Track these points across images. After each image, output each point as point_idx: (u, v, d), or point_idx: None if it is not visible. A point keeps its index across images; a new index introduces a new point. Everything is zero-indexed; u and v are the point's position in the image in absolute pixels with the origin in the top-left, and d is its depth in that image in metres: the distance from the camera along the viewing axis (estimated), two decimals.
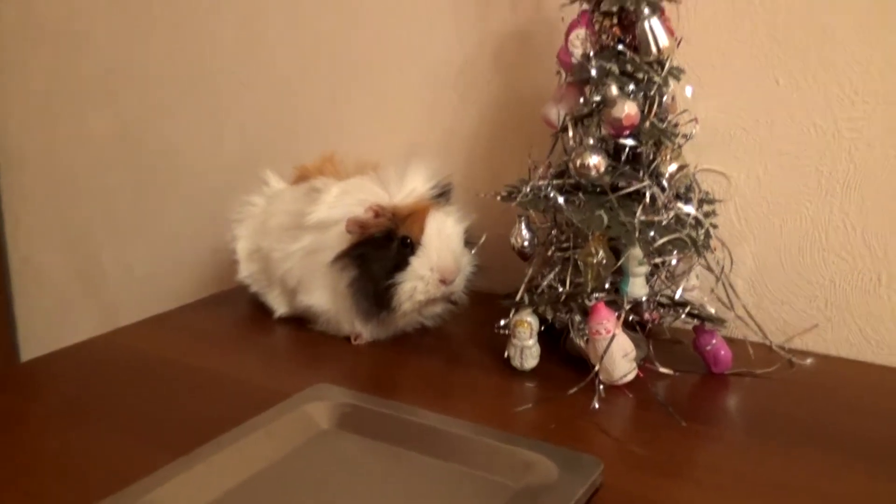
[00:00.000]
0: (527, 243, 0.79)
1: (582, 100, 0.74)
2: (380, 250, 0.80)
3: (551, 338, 0.80)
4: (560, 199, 0.74)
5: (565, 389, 0.71)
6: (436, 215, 0.81)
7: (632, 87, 0.72)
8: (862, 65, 0.79)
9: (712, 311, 0.77)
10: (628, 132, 0.72)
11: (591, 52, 0.74)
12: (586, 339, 0.74)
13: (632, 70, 0.72)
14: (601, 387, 0.70)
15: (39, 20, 1.39)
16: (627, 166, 0.74)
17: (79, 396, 0.73)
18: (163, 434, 0.65)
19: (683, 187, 0.75)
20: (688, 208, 0.73)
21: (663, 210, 0.71)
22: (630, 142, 0.73)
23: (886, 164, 0.80)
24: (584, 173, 0.72)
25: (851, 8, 0.79)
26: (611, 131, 0.72)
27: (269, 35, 1.17)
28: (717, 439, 0.65)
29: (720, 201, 0.81)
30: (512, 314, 0.78)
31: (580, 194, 0.74)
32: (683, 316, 0.77)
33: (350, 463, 0.59)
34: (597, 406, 0.69)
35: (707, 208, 0.77)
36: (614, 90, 0.71)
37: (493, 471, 0.57)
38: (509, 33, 0.98)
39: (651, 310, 0.77)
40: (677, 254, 0.74)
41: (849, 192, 0.82)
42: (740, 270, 0.87)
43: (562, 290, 0.76)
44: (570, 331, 0.77)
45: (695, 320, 0.78)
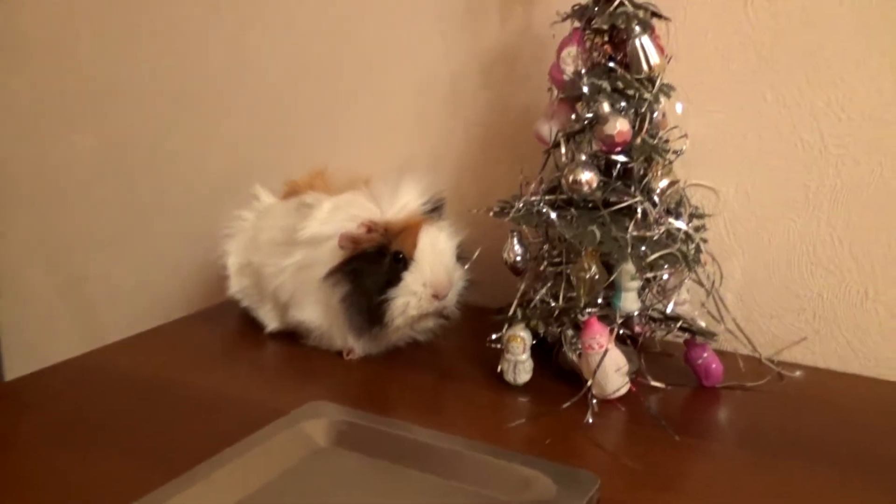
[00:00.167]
0: (519, 258, 0.80)
1: (574, 116, 0.75)
2: (372, 265, 0.80)
3: (543, 352, 0.80)
4: (552, 215, 0.74)
5: (558, 404, 0.71)
6: (428, 230, 0.81)
7: (623, 104, 0.73)
8: (848, 83, 0.80)
9: (703, 324, 0.78)
10: (620, 149, 0.72)
11: (582, 70, 0.75)
12: (579, 353, 0.74)
13: (623, 87, 0.73)
14: (594, 401, 0.71)
15: (25, 35, 1.38)
16: (619, 182, 0.75)
17: (67, 415, 0.72)
18: (156, 453, 0.64)
19: (674, 202, 0.76)
20: (679, 223, 0.73)
21: (655, 225, 0.72)
22: (622, 158, 0.74)
23: (872, 180, 0.81)
24: (576, 189, 0.72)
25: (837, 28, 0.80)
26: (603, 148, 0.73)
27: (257, 50, 1.17)
28: (712, 453, 0.65)
29: (710, 216, 0.82)
30: (505, 329, 0.78)
31: (572, 210, 0.75)
32: (675, 330, 0.78)
33: (349, 481, 0.59)
34: (590, 421, 0.69)
35: (697, 223, 0.77)
36: (606, 107, 0.72)
37: (491, 487, 0.57)
38: (498, 49, 0.98)
39: (643, 324, 0.78)
40: (669, 268, 0.74)
41: (836, 207, 0.83)
42: (729, 284, 0.87)
43: (554, 304, 0.76)
44: (563, 345, 0.77)
45: (686, 334, 0.78)
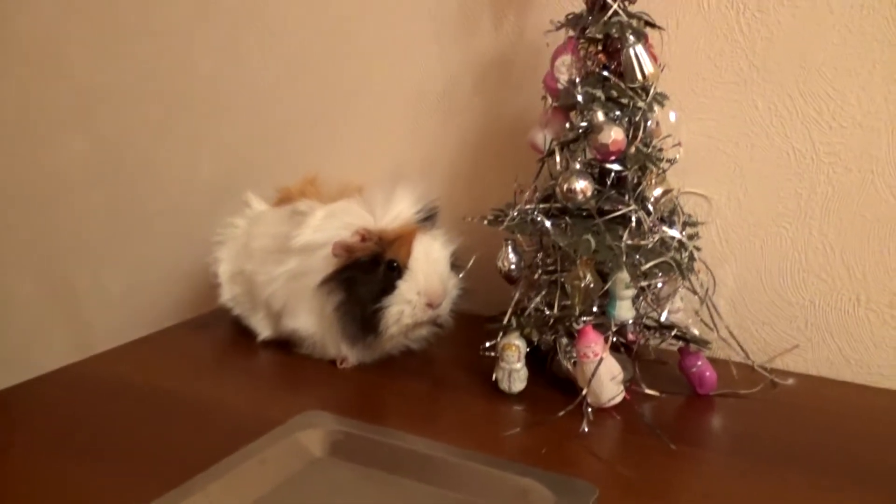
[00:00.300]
0: (514, 267, 0.80)
1: (568, 125, 0.75)
2: (367, 274, 0.80)
3: (536, 360, 0.80)
4: (547, 223, 0.74)
5: (553, 412, 0.71)
6: (422, 239, 0.81)
7: (617, 112, 0.73)
8: (839, 91, 0.81)
9: (696, 332, 0.78)
10: (614, 157, 0.73)
11: (577, 79, 0.75)
12: (573, 361, 0.74)
13: (617, 96, 0.73)
14: (589, 410, 0.71)
15: (14, 36, 1.37)
16: (613, 191, 0.75)
17: (61, 426, 0.71)
18: (150, 464, 0.64)
19: (667, 211, 0.76)
20: (672, 232, 0.74)
21: (649, 234, 0.72)
22: (616, 167, 0.74)
23: (864, 188, 0.81)
24: (571, 198, 0.72)
25: (828, 37, 0.81)
26: (597, 156, 0.73)
27: (249, 55, 1.16)
28: (707, 462, 0.66)
29: (702, 224, 0.82)
30: (499, 337, 0.78)
31: (566, 218, 0.75)
32: (669, 339, 0.78)
33: (346, 491, 0.59)
34: (586, 429, 0.69)
35: (690, 231, 0.78)
36: (600, 116, 0.72)
37: (489, 498, 0.56)
38: (492, 57, 0.98)
39: (637, 332, 0.78)
40: (663, 277, 0.75)
41: (828, 215, 0.84)
42: (722, 291, 0.88)
43: (549, 313, 0.76)
44: (557, 353, 0.77)
45: (680, 342, 0.78)
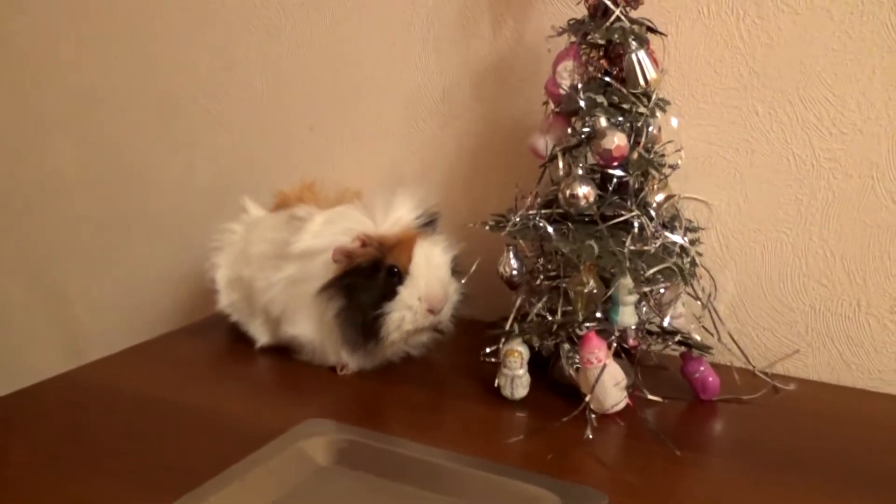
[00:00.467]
0: (515, 272, 0.79)
1: (570, 130, 0.75)
2: (367, 280, 0.79)
3: (538, 365, 0.79)
4: (549, 229, 0.74)
5: (556, 419, 0.71)
6: (423, 244, 0.81)
7: (620, 118, 0.73)
8: (839, 97, 0.81)
9: (698, 338, 0.78)
10: (617, 163, 0.72)
11: (579, 84, 0.74)
12: (576, 367, 0.74)
13: (619, 101, 0.73)
14: (593, 416, 0.70)
15: (7, 43, 1.36)
16: (615, 196, 0.75)
17: (56, 435, 0.70)
18: (150, 474, 0.63)
19: (669, 216, 0.76)
20: (674, 237, 0.74)
21: (651, 239, 0.72)
22: (619, 172, 0.74)
23: (864, 194, 0.82)
24: (573, 203, 0.72)
25: (828, 43, 0.81)
26: (600, 162, 0.73)
27: (245, 59, 1.15)
28: (712, 467, 0.65)
29: (703, 229, 0.82)
30: (501, 343, 0.77)
31: (569, 224, 0.74)
32: (672, 344, 0.78)
33: (353, 500, 0.58)
34: (590, 436, 0.69)
35: (691, 236, 0.78)
36: (603, 121, 0.72)
37: None
38: (490, 62, 0.98)
39: (639, 337, 0.77)
40: (665, 282, 0.75)
41: (828, 220, 0.84)
42: (723, 297, 0.87)
43: (551, 319, 0.76)
44: (559, 359, 0.77)
45: (682, 347, 0.78)
